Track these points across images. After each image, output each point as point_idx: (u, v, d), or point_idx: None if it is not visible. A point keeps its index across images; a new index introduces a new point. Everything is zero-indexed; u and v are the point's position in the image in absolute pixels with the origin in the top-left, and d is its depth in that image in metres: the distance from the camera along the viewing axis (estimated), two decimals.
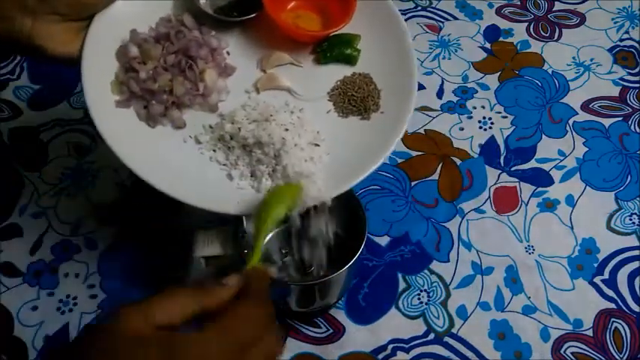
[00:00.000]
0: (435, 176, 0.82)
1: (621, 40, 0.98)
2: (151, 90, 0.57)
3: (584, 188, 0.81)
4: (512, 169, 0.83)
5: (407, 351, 0.69)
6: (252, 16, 0.61)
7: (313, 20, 0.64)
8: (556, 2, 1.03)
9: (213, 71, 0.59)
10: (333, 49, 0.62)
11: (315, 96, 0.61)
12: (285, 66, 0.62)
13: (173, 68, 0.58)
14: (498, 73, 0.93)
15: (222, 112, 0.59)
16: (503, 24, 1.00)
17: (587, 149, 0.85)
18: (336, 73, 0.62)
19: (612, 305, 0.72)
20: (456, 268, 0.74)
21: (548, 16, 1.01)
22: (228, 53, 0.62)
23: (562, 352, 0.69)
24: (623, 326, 0.71)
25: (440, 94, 0.90)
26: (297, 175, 0.55)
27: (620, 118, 0.88)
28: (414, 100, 0.58)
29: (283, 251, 0.67)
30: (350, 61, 0.62)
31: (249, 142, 0.56)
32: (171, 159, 0.56)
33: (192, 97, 0.58)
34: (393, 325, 0.70)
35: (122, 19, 0.59)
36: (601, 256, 0.76)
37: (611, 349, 0.69)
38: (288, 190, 0.54)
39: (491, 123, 0.87)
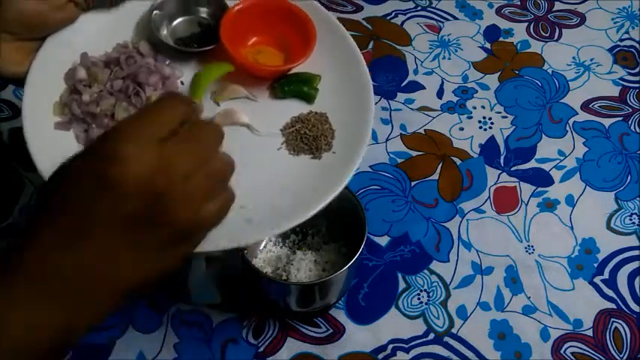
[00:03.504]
0: (435, 176, 0.82)
1: (621, 40, 0.98)
2: (93, 113, 0.56)
3: (584, 188, 0.81)
4: (512, 169, 0.83)
5: (407, 351, 0.69)
6: (210, 48, 0.61)
7: (275, 56, 0.63)
8: (556, 2, 1.03)
9: None
10: (291, 84, 0.61)
11: (267, 131, 0.60)
12: (240, 99, 0.61)
13: (119, 93, 0.57)
14: (498, 73, 0.93)
15: None
16: (503, 24, 1.00)
17: (587, 149, 0.85)
18: (292, 109, 0.61)
19: (612, 305, 0.72)
20: (455, 268, 0.74)
21: (548, 16, 1.01)
22: (182, 83, 0.61)
23: (562, 352, 0.69)
24: (623, 326, 0.71)
25: (440, 94, 0.90)
26: None
27: (620, 118, 0.88)
28: (366, 143, 0.57)
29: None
30: (307, 99, 0.61)
31: None
32: None
33: None
34: (393, 325, 0.70)
35: (78, 42, 0.58)
36: (601, 256, 0.76)
37: (611, 349, 0.69)
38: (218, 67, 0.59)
39: (491, 123, 0.87)
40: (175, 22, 0.63)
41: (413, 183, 0.81)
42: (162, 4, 0.62)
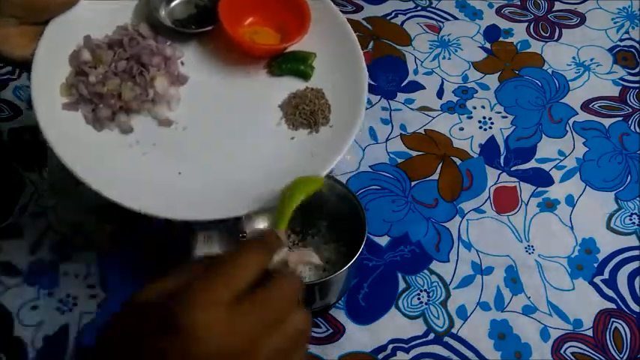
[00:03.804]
0: (435, 176, 0.82)
1: (621, 40, 0.98)
2: (100, 93, 0.57)
3: (584, 188, 0.81)
4: (512, 169, 0.83)
5: (407, 351, 0.69)
6: (209, 29, 0.62)
7: (271, 36, 0.65)
8: (556, 2, 1.03)
9: (165, 79, 0.60)
10: (287, 62, 0.63)
11: (266, 106, 0.62)
12: (238, 75, 0.63)
13: (124, 74, 0.59)
14: (498, 73, 0.93)
15: (175, 119, 0.60)
16: (503, 24, 1.00)
17: (587, 149, 0.85)
18: (289, 86, 0.63)
19: (612, 305, 0.72)
20: (455, 268, 0.74)
21: (548, 16, 1.01)
22: (182, 63, 0.63)
23: (562, 352, 0.69)
24: (623, 326, 0.71)
25: (440, 94, 0.90)
26: None
27: (620, 118, 0.88)
28: (361, 117, 0.60)
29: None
30: (304, 76, 0.63)
31: None
32: (115, 162, 0.57)
33: (141, 103, 0.58)
34: (393, 325, 0.70)
35: (79, 25, 0.59)
36: (601, 256, 0.76)
37: (611, 349, 0.69)
38: (309, 181, 0.54)
39: (491, 123, 0.87)
40: (173, 4, 0.65)
41: (413, 183, 0.81)
42: None
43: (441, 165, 0.83)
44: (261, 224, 0.73)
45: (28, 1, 0.54)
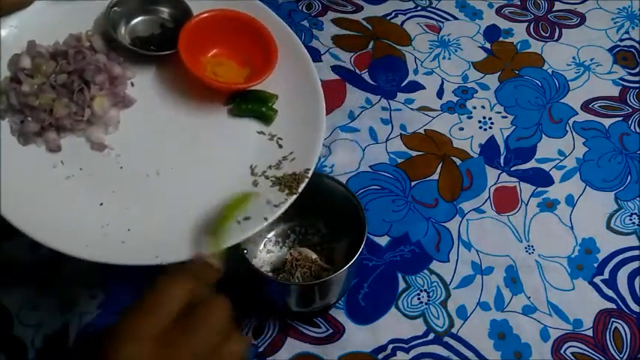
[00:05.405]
0: (435, 176, 0.82)
1: (621, 40, 0.98)
2: (31, 106, 0.53)
3: (584, 188, 0.81)
4: (512, 169, 0.83)
5: (407, 351, 0.69)
6: (168, 53, 0.59)
7: (234, 71, 0.61)
8: (556, 2, 1.03)
9: (106, 100, 0.56)
10: (248, 103, 0.59)
11: (212, 147, 0.57)
12: (191, 107, 0.59)
13: (62, 88, 0.55)
14: (498, 73, 0.93)
15: (111, 144, 0.56)
16: (503, 24, 1.00)
17: (587, 149, 0.85)
18: (248, 129, 0.59)
19: (612, 305, 0.72)
20: (455, 268, 0.74)
21: (548, 16, 1.01)
22: (132, 84, 0.59)
23: (562, 352, 0.69)
24: (623, 326, 0.71)
25: (440, 94, 0.90)
26: None
27: (620, 118, 0.88)
28: (313, 165, 0.57)
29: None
30: (265, 119, 0.60)
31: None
32: (32, 181, 0.52)
33: (75, 122, 0.55)
34: (393, 325, 0.70)
35: (30, 28, 0.56)
36: (601, 256, 0.76)
37: (611, 349, 0.69)
38: (242, 198, 0.54)
39: (491, 123, 0.87)
40: (135, 21, 0.61)
41: (413, 183, 0.81)
42: (121, 0, 0.60)
43: (441, 165, 0.83)
44: None
45: None
